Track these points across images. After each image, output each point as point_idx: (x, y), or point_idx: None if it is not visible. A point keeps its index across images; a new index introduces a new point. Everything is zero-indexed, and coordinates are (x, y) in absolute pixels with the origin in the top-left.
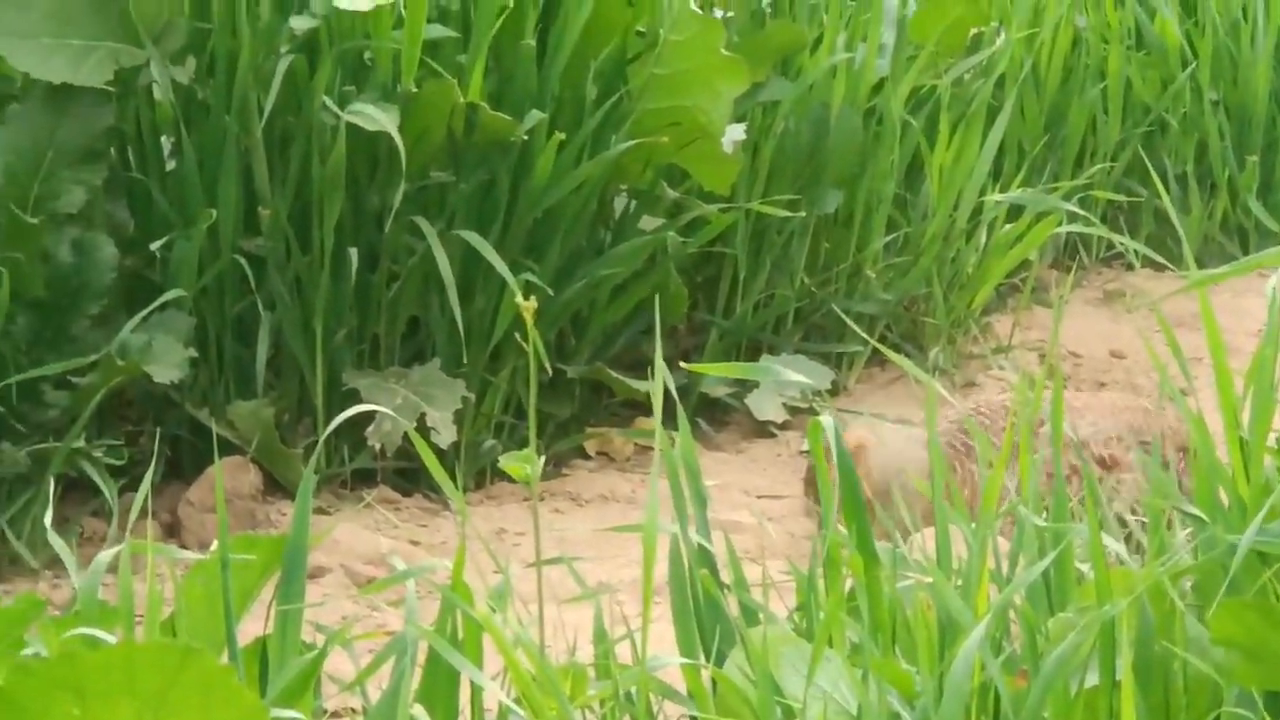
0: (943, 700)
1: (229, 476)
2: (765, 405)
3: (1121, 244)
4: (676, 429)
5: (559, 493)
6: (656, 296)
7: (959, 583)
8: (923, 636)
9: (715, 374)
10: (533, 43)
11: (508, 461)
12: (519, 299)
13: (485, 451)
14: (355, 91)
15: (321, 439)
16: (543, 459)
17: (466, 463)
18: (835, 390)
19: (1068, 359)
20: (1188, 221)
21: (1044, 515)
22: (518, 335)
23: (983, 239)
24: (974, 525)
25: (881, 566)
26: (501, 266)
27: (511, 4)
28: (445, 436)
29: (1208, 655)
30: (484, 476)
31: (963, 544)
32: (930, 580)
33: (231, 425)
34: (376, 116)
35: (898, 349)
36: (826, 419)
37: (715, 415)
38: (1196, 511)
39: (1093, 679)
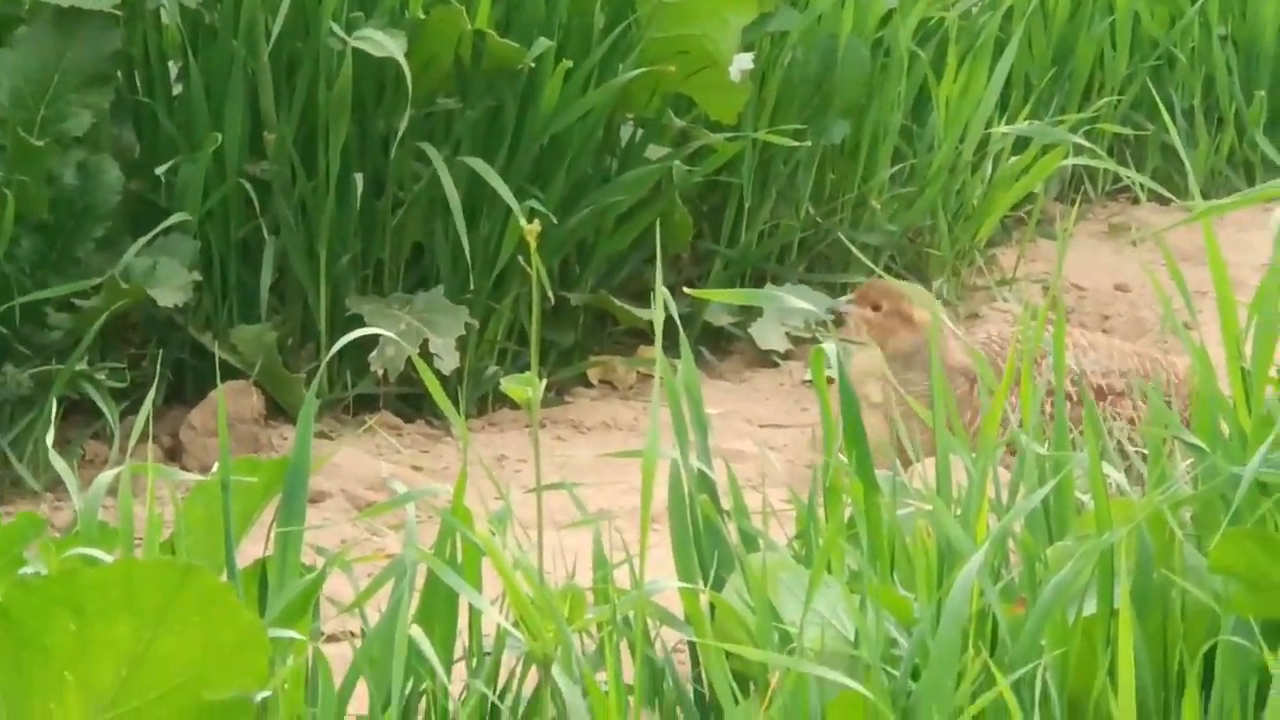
0: (940, 626)
1: (231, 400)
2: (768, 335)
3: (1127, 177)
4: (679, 357)
5: (561, 420)
6: (661, 225)
7: (958, 511)
8: (921, 563)
9: (718, 300)
10: None
11: (509, 384)
12: (523, 224)
13: (488, 378)
14: (363, 17)
15: (323, 362)
16: (544, 385)
17: (469, 389)
18: (839, 321)
19: (1071, 292)
20: (1194, 156)
21: (1045, 445)
22: (522, 261)
23: (988, 171)
24: (974, 454)
25: (881, 494)
26: (506, 193)
27: None
28: (448, 363)
29: (1206, 584)
30: (486, 403)
31: (964, 473)
32: (930, 508)
33: (234, 349)
34: (384, 42)
35: (902, 280)
36: (829, 346)
37: (718, 344)
38: (1197, 441)
39: (1090, 607)
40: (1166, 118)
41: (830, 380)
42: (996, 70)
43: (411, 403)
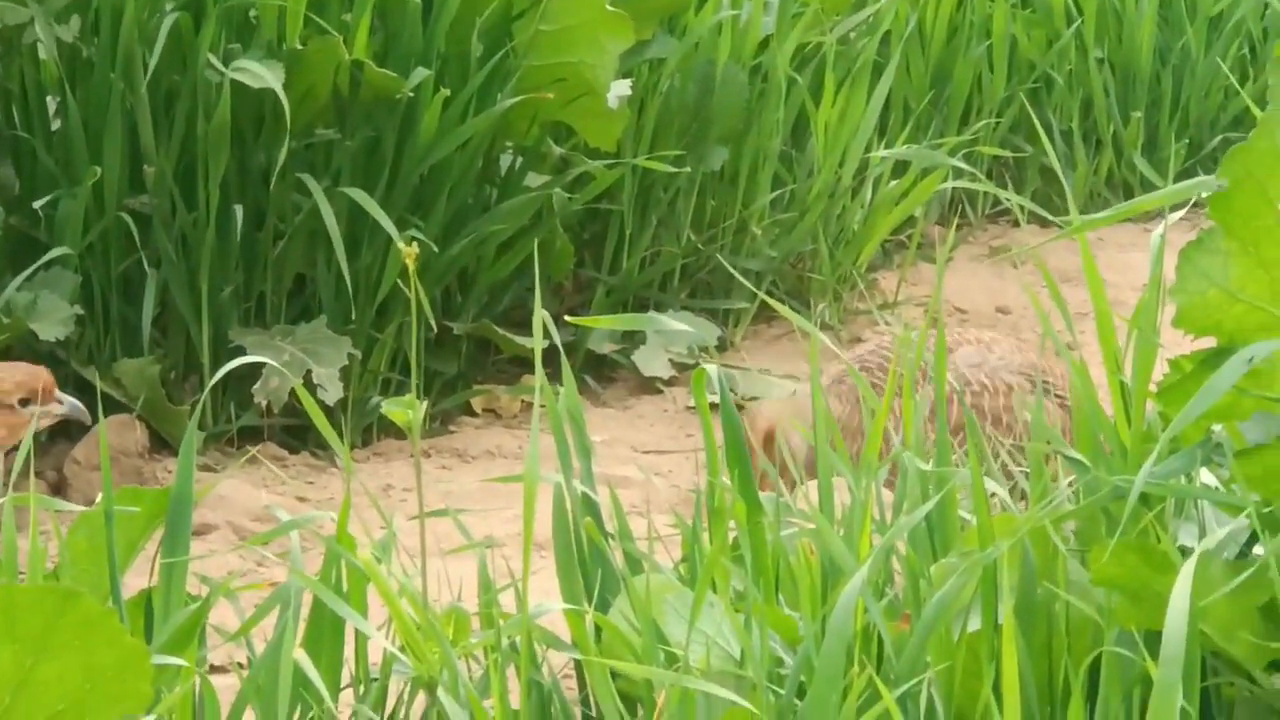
0: (824, 642)
1: (115, 434)
2: (652, 362)
3: (1007, 200)
4: (563, 385)
5: (445, 449)
6: (542, 253)
7: (842, 531)
8: (805, 581)
9: (601, 326)
10: (418, 0)
11: (390, 407)
12: (402, 249)
13: (372, 408)
14: (240, 49)
15: (206, 392)
16: (428, 413)
17: (353, 419)
18: (722, 346)
19: (953, 315)
20: (1073, 177)
21: (929, 462)
22: (404, 289)
23: (868, 196)
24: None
25: (765, 514)
26: (387, 223)
27: None
28: (332, 393)
29: (1089, 597)
30: (371, 433)
31: (847, 493)
32: (813, 527)
33: (118, 383)
34: (261, 73)
35: (782, 306)
36: (711, 368)
37: (602, 372)
38: (1078, 456)
39: (975, 623)
40: (1045, 140)
41: (714, 405)
42: (874, 94)
43: (296, 434)
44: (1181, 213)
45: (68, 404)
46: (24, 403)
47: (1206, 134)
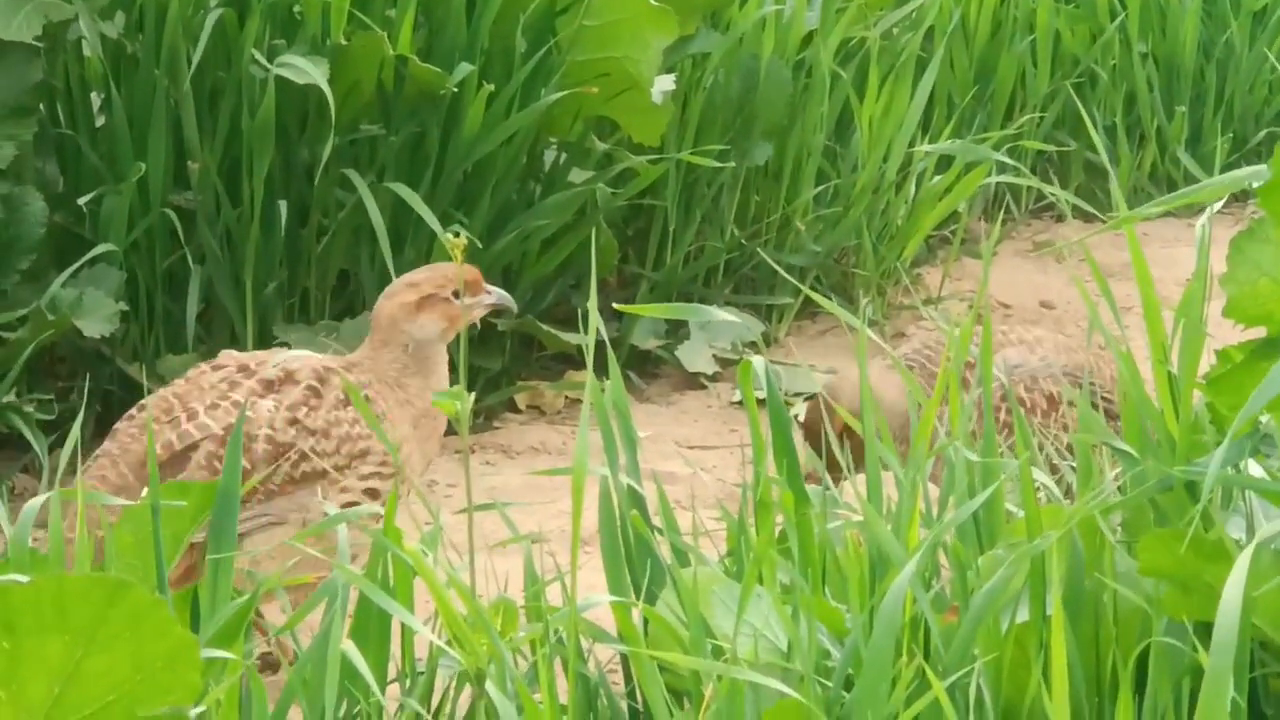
0: (873, 634)
1: None
2: (696, 357)
3: (1051, 194)
4: (608, 380)
5: (490, 445)
6: (586, 248)
7: (889, 524)
8: (853, 572)
9: (647, 314)
10: None
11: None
12: (449, 239)
13: None
14: (285, 45)
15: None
16: (472, 407)
17: None
18: (766, 342)
19: (998, 310)
20: (1117, 172)
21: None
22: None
23: (912, 191)
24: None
25: (812, 506)
26: (431, 218)
27: None
28: None
29: (1138, 588)
30: None
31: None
32: (860, 519)
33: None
34: (306, 69)
35: (827, 300)
36: (757, 360)
37: (646, 368)
38: (1126, 447)
39: (1023, 614)
40: (1092, 132)
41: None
42: (918, 90)
43: None
44: (1219, 205)
45: (495, 294)
46: (456, 295)
47: (1251, 128)
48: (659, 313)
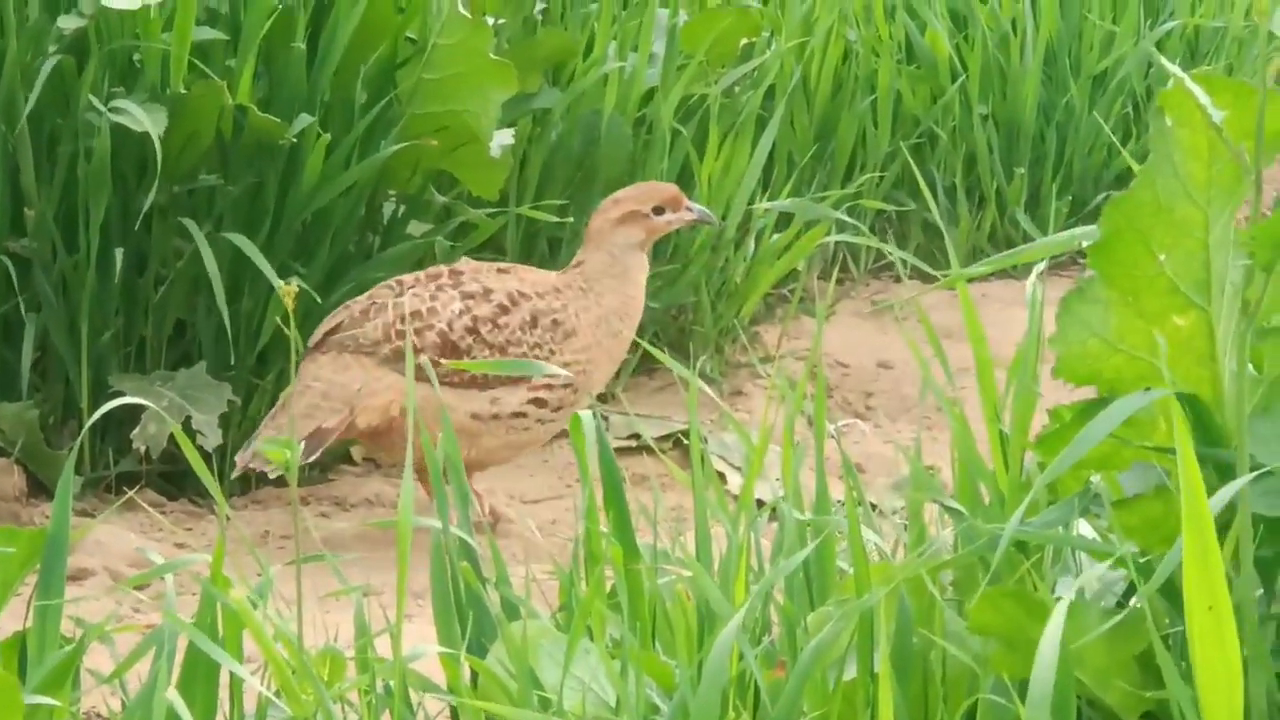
0: (700, 689)
1: None
2: None
3: (890, 254)
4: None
5: (324, 497)
6: None
7: (718, 579)
8: (681, 626)
9: (480, 370)
10: (302, 46)
11: (267, 446)
12: (280, 286)
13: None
14: (124, 92)
15: (83, 434)
16: (306, 460)
17: (232, 467)
18: (603, 398)
19: (835, 369)
20: (956, 233)
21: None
22: (285, 334)
23: (751, 248)
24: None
25: (642, 560)
26: (268, 269)
27: (281, 7)
28: (211, 439)
29: (967, 646)
30: (249, 481)
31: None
32: (689, 575)
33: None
34: (139, 116)
35: (663, 355)
36: (585, 414)
37: None
38: (956, 505)
39: (851, 671)
40: (928, 195)
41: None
42: (758, 147)
43: (174, 481)
44: (1050, 265)
45: (697, 211)
46: (658, 211)
47: (1090, 191)
48: (495, 369)
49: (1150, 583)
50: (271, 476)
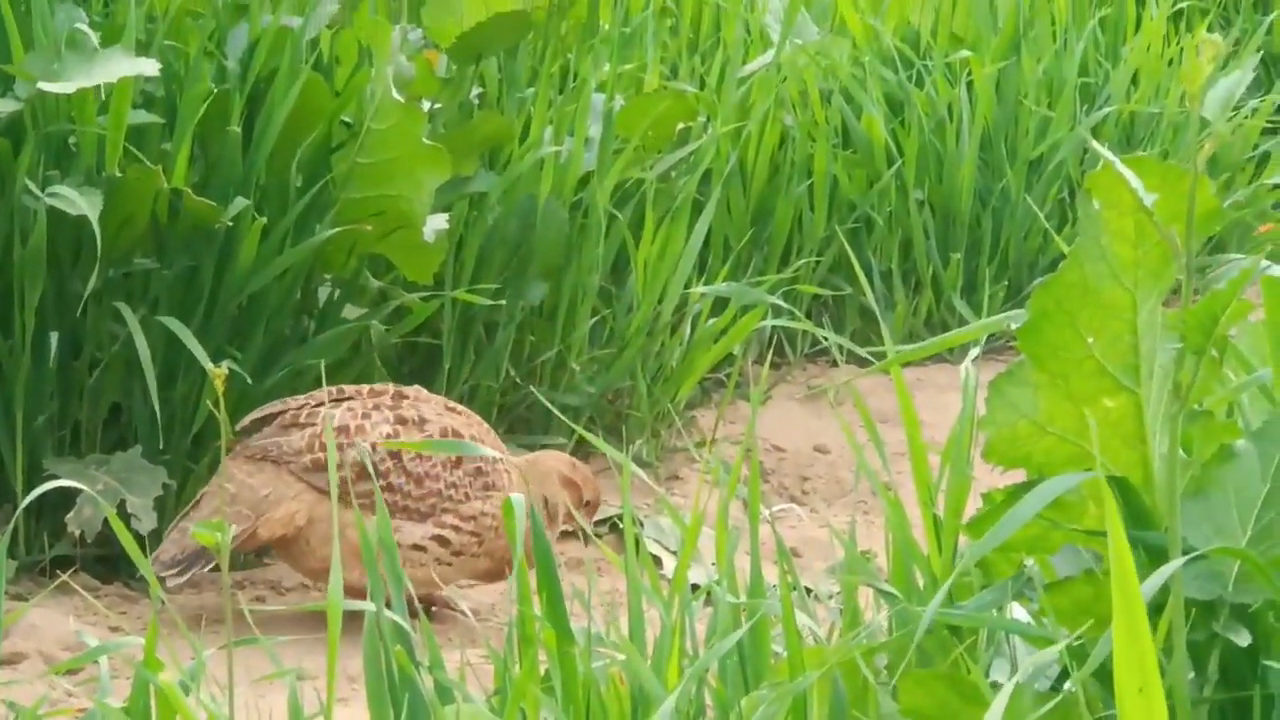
0: None
1: None
2: None
3: (825, 339)
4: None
5: (259, 580)
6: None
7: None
8: (615, 710)
9: (416, 450)
10: (238, 130)
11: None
12: (210, 368)
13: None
14: (59, 175)
15: (17, 516)
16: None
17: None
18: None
19: (771, 453)
20: (891, 318)
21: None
22: (220, 418)
23: (687, 332)
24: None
25: (575, 643)
26: (201, 354)
27: (216, 91)
28: (146, 523)
29: None
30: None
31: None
32: (623, 658)
33: None
34: (75, 200)
35: (598, 440)
36: (517, 497)
37: None
38: (889, 588)
39: None
40: (863, 279)
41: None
42: (694, 231)
43: (110, 565)
44: (987, 350)
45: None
46: (586, 505)
47: (1026, 276)
48: (429, 449)
49: (1085, 668)
50: (204, 569)
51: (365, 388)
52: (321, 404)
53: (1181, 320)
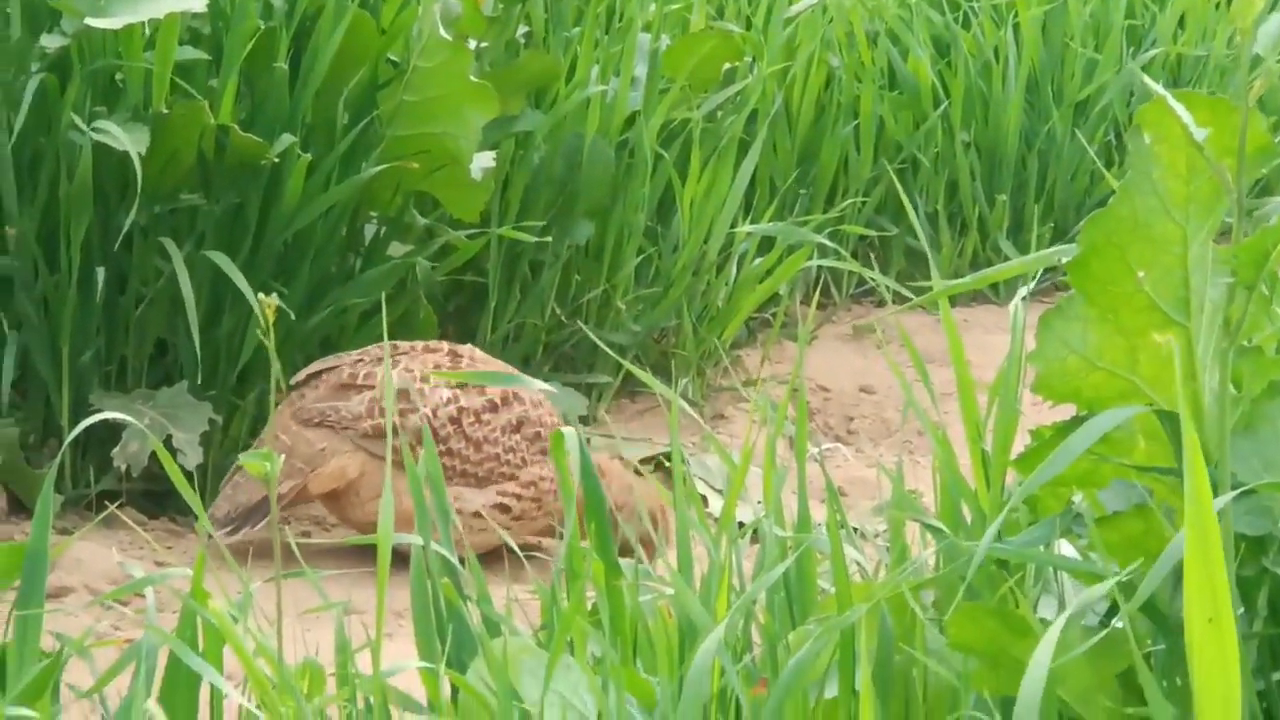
0: (681, 704)
1: None
2: None
3: (872, 279)
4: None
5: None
6: (405, 323)
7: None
8: (662, 641)
9: (465, 380)
10: (285, 67)
11: (247, 458)
12: (261, 298)
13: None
14: (106, 112)
15: (63, 450)
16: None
17: (213, 485)
18: (586, 420)
19: (817, 393)
20: (937, 259)
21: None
22: (266, 354)
23: (733, 272)
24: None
25: (623, 576)
26: (246, 287)
27: (263, 28)
28: (191, 458)
29: (948, 664)
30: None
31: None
32: (671, 593)
33: None
34: (121, 136)
35: (647, 374)
36: (569, 431)
37: None
38: (938, 524)
39: (833, 689)
40: (913, 217)
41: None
42: (740, 171)
43: (155, 500)
44: (1036, 288)
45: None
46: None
47: (1071, 218)
48: (479, 380)
49: (1132, 601)
50: (255, 528)
51: (419, 344)
52: (377, 362)
53: (1232, 255)
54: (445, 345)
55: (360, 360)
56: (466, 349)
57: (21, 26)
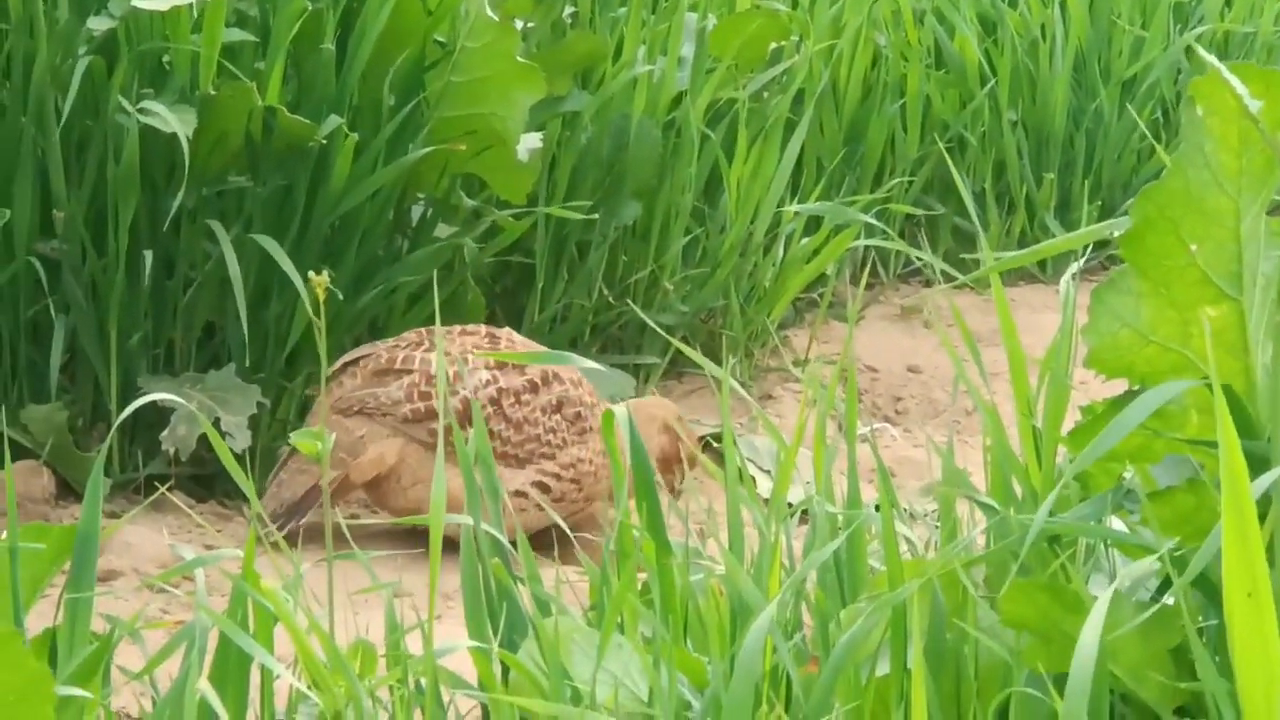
0: (733, 683)
1: (21, 480)
2: None
3: (919, 259)
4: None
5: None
6: (453, 305)
7: (751, 574)
8: (713, 620)
9: (514, 360)
10: (331, 48)
11: (298, 437)
12: (311, 276)
13: (280, 457)
14: (153, 94)
15: (112, 434)
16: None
17: (261, 468)
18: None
19: (865, 373)
20: (985, 238)
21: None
22: (315, 336)
23: (780, 252)
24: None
25: (674, 555)
26: (293, 271)
27: (310, 9)
28: (240, 441)
29: (1000, 640)
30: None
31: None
32: (722, 571)
33: (25, 429)
34: (168, 118)
35: (695, 353)
36: (619, 408)
37: None
38: (989, 500)
39: (884, 666)
40: (965, 193)
41: None
42: (787, 151)
43: (204, 484)
44: (1085, 265)
45: None
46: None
47: (1119, 197)
48: (527, 359)
49: (1184, 575)
50: (301, 522)
51: (456, 329)
52: (414, 347)
53: None
54: (483, 328)
55: (396, 345)
56: (505, 332)
57: (69, 9)
